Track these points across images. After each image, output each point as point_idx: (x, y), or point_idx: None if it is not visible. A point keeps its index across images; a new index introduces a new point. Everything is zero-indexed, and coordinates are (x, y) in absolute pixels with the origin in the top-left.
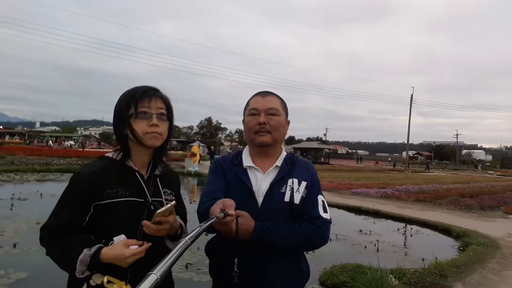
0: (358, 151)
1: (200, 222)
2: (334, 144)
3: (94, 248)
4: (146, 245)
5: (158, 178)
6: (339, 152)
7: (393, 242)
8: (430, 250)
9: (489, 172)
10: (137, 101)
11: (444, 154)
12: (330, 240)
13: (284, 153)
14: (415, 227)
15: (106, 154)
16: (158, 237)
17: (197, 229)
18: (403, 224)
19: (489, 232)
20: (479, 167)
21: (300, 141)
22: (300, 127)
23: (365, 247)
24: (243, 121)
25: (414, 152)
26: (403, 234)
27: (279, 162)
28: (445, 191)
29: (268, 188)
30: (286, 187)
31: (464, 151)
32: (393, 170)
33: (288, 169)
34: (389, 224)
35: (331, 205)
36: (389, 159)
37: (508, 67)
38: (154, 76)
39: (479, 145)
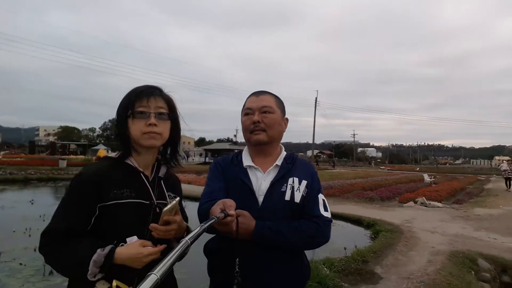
0: None
1: (200, 222)
2: (243, 145)
3: (108, 248)
4: (162, 246)
5: (162, 181)
6: None
7: None
8: (348, 240)
9: (381, 167)
10: (134, 100)
11: (343, 152)
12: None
13: (284, 153)
14: None
15: (109, 155)
16: (166, 240)
17: (197, 229)
18: None
19: (392, 220)
20: (373, 163)
21: (211, 142)
22: (211, 129)
23: None
24: (241, 121)
25: (317, 151)
26: None
27: (279, 161)
28: (350, 186)
29: (268, 187)
30: (286, 186)
31: (359, 149)
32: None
33: (288, 168)
34: None
35: None
36: None
37: (395, 76)
38: (43, 72)
39: (371, 144)
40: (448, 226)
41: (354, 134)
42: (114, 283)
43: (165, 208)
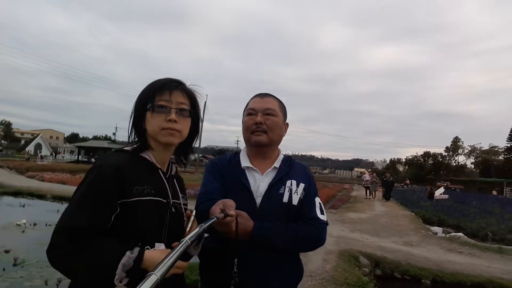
0: None
1: (198, 222)
2: (122, 144)
3: (136, 251)
4: (185, 263)
5: (175, 179)
6: None
7: None
8: None
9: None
10: (156, 93)
11: None
12: None
13: (281, 155)
14: None
15: (124, 148)
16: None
17: (197, 229)
18: None
19: None
20: None
21: (85, 139)
22: (87, 124)
23: None
24: (242, 121)
25: (200, 155)
26: None
27: (277, 164)
28: None
29: (266, 189)
30: (284, 188)
31: None
32: (185, 171)
33: (286, 171)
34: None
35: None
36: None
37: (277, 88)
38: None
39: None
40: (330, 228)
41: (237, 141)
42: None
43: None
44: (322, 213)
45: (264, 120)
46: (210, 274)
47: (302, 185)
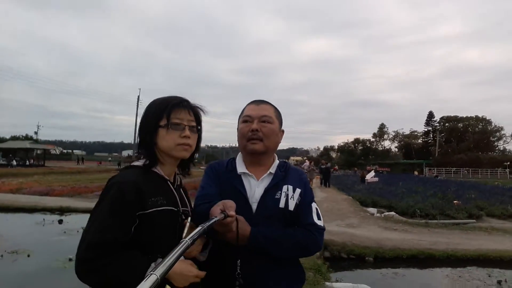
0: (74, 151)
1: (196, 223)
2: (46, 144)
3: (159, 261)
4: (203, 273)
5: (181, 188)
6: (52, 152)
7: None
8: None
9: (201, 167)
10: (170, 112)
11: None
12: None
13: (277, 161)
14: None
15: (133, 163)
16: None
17: (197, 230)
18: None
19: None
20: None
21: (2, 139)
22: (1, 122)
23: None
24: (237, 129)
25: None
26: None
27: (272, 169)
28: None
29: (262, 194)
30: (280, 194)
31: None
32: (119, 169)
33: (282, 176)
34: None
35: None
36: (110, 158)
37: (212, 80)
38: None
39: None
40: None
41: None
42: None
43: (184, 235)
44: (319, 218)
45: (260, 127)
46: (211, 276)
47: (298, 190)
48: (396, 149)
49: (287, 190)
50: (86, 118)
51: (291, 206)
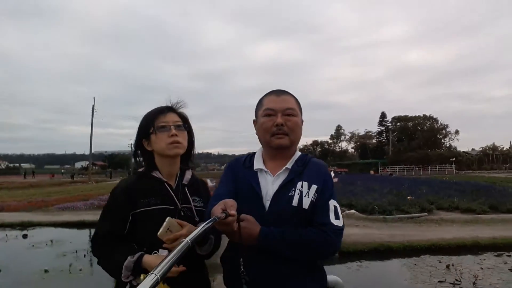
0: (22, 164)
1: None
2: None
3: (136, 255)
4: (181, 268)
5: (186, 187)
6: None
7: None
8: None
9: None
10: (154, 118)
11: (118, 162)
12: None
13: (297, 154)
14: None
15: (139, 170)
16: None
17: (198, 229)
18: None
19: None
20: None
21: None
22: None
23: None
24: (254, 121)
25: (87, 162)
26: None
27: (289, 164)
28: None
29: (275, 192)
30: (294, 191)
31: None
32: (74, 182)
33: (298, 171)
34: None
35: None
36: (63, 171)
37: (165, 86)
38: None
39: None
40: None
41: (131, 144)
42: (142, 276)
43: (159, 233)
44: (337, 217)
45: (285, 121)
46: (228, 282)
47: (314, 187)
48: (353, 150)
49: (302, 187)
50: (34, 130)
51: (306, 204)
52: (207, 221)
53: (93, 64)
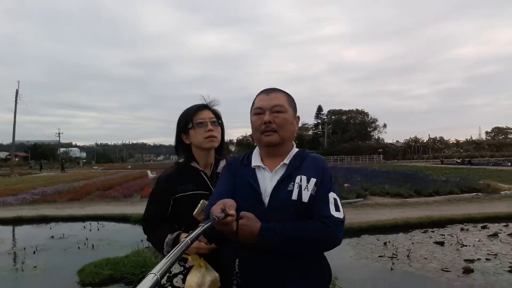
0: None
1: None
2: None
3: (175, 234)
4: (212, 246)
5: (219, 175)
6: None
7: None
8: (134, 236)
9: (94, 167)
10: (193, 115)
11: (42, 153)
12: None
13: (294, 150)
14: (95, 223)
15: (179, 161)
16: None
17: (197, 229)
18: (89, 222)
19: None
20: (81, 164)
21: None
22: None
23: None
24: (250, 122)
25: (7, 153)
26: (90, 230)
27: (287, 160)
28: (83, 188)
29: (274, 187)
30: (293, 185)
31: (62, 150)
32: None
33: (296, 166)
34: (73, 226)
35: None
36: None
37: (97, 73)
38: None
39: (74, 143)
40: None
41: (59, 133)
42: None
43: (194, 213)
44: (337, 209)
45: (273, 118)
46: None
47: (313, 180)
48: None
49: (300, 180)
50: None
51: (305, 198)
52: (207, 221)
53: (21, 46)
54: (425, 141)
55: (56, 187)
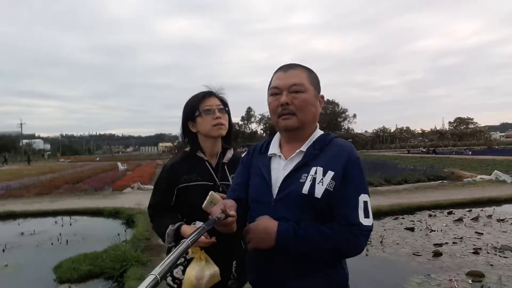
0: None
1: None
2: None
3: (176, 225)
4: (212, 240)
5: (226, 166)
6: None
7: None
8: (110, 230)
9: (60, 160)
10: (200, 102)
11: (3, 146)
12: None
13: (316, 135)
14: (67, 218)
15: (185, 149)
16: None
17: (198, 230)
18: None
19: (129, 205)
20: (46, 156)
21: None
22: None
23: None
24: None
25: None
26: (62, 225)
27: (304, 147)
28: (51, 182)
29: (284, 178)
30: (307, 177)
31: (24, 141)
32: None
33: (314, 155)
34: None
35: None
36: None
37: (58, 60)
38: None
39: (37, 135)
40: None
41: (21, 124)
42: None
43: (203, 205)
44: (366, 215)
45: (291, 99)
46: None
47: (330, 173)
48: (262, 131)
49: (315, 172)
50: None
51: (318, 193)
52: (207, 222)
53: None
54: (392, 131)
55: (21, 181)
